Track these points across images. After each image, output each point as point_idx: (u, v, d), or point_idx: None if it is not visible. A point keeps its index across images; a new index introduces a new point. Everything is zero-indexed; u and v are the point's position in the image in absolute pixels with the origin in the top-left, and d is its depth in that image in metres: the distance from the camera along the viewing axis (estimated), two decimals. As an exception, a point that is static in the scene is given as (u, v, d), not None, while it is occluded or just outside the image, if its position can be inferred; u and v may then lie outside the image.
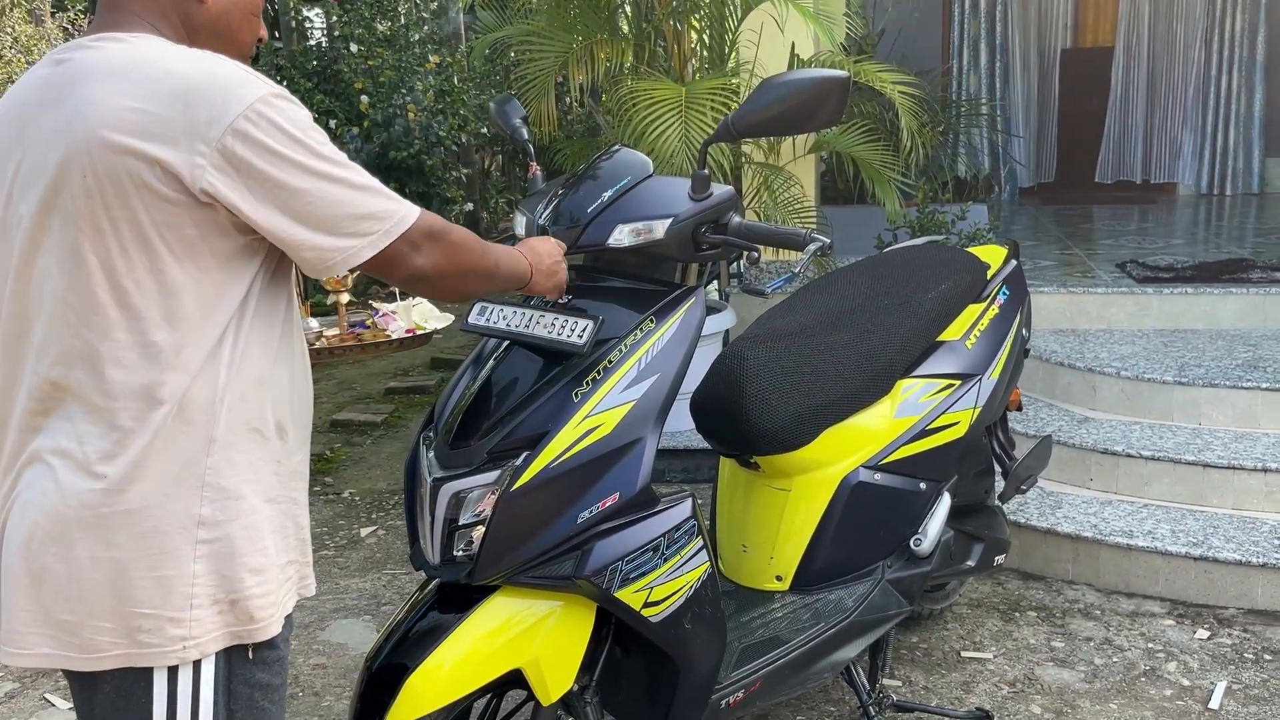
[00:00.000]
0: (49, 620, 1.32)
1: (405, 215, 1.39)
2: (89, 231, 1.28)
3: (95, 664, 1.32)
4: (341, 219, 1.33)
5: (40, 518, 1.31)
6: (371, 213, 1.35)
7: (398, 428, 5.09)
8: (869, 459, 2.36)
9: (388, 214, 1.37)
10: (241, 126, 1.26)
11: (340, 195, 1.33)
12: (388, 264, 1.40)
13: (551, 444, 1.75)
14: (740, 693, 2.11)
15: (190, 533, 1.32)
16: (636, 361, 1.82)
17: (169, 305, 1.30)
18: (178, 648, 1.32)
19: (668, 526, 1.84)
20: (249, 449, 1.37)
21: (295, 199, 1.30)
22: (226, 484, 1.35)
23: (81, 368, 1.30)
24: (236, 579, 1.35)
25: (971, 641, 2.95)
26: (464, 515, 1.78)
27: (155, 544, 1.31)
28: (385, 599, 3.37)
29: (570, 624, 1.84)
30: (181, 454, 1.32)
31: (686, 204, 1.87)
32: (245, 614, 1.36)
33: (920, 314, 2.48)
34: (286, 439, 1.43)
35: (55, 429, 1.32)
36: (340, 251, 1.35)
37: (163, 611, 1.31)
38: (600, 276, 1.96)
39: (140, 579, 1.30)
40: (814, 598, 2.34)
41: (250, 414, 1.37)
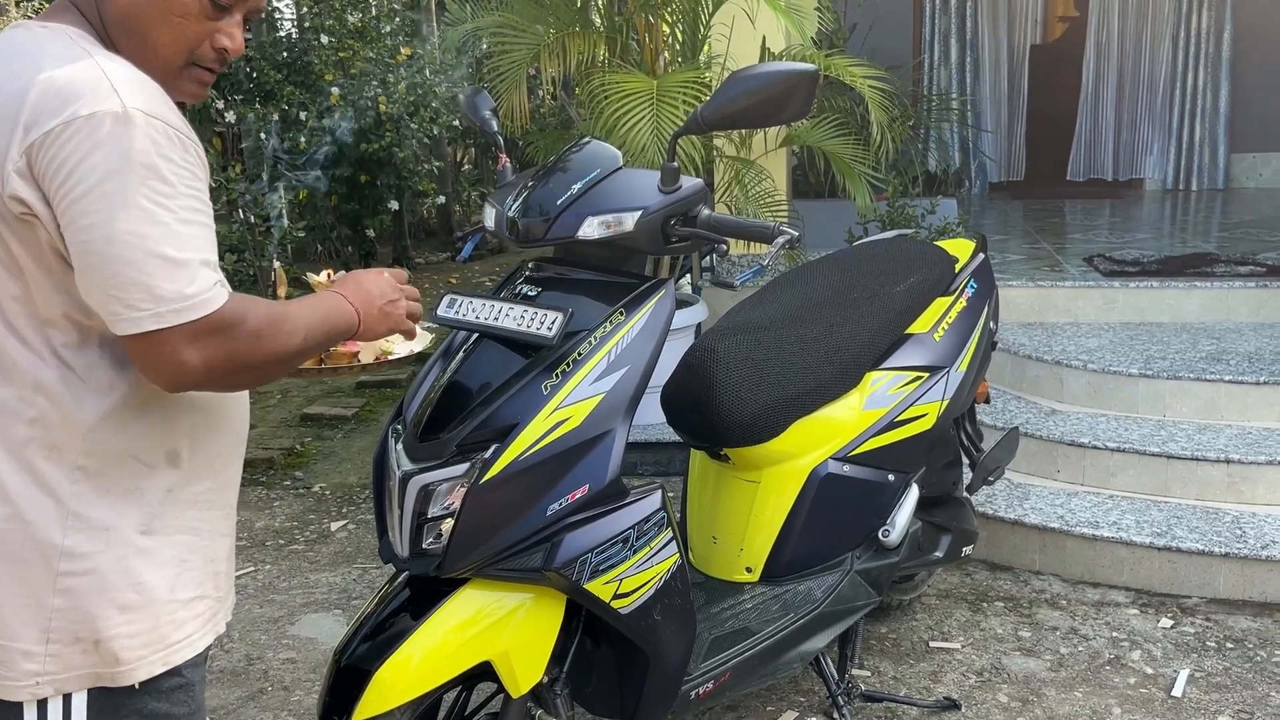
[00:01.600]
0: None
1: (198, 302, 1.18)
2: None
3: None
4: (112, 277, 1.15)
5: None
6: (151, 287, 1.15)
7: (368, 421, 5.07)
8: (838, 451, 2.38)
9: (174, 297, 1.16)
10: (57, 135, 1.14)
11: (127, 252, 1.14)
12: (145, 353, 1.19)
13: (521, 436, 1.75)
14: (710, 683, 2.12)
15: (50, 564, 1.22)
16: (606, 354, 1.82)
17: (13, 323, 1.21)
18: (30, 683, 1.23)
19: (637, 518, 1.85)
20: (125, 478, 1.26)
21: (80, 231, 1.15)
22: (94, 514, 1.24)
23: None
24: (101, 617, 1.24)
25: (940, 632, 2.98)
26: (433, 508, 1.78)
27: (14, 572, 1.22)
28: (356, 593, 3.35)
29: (540, 616, 1.84)
30: (43, 479, 1.22)
31: (656, 196, 1.87)
32: (110, 655, 1.25)
33: (889, 307, 2.50)
34: (180, 466, 1.30)
35: None
36: (102, 311, 1.18)
37: (15, 644, 1.23)
38: (570, 269, 1.96)
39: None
40: (783, 589, 2.36)
41: (126, 441, 1.25)
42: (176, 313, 1.17)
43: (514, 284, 1.98)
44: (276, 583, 3.44)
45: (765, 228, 1.86)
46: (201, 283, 1.19)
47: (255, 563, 3.58)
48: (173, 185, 1.18)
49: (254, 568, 3.54)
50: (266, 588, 3.41)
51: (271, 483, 4.32)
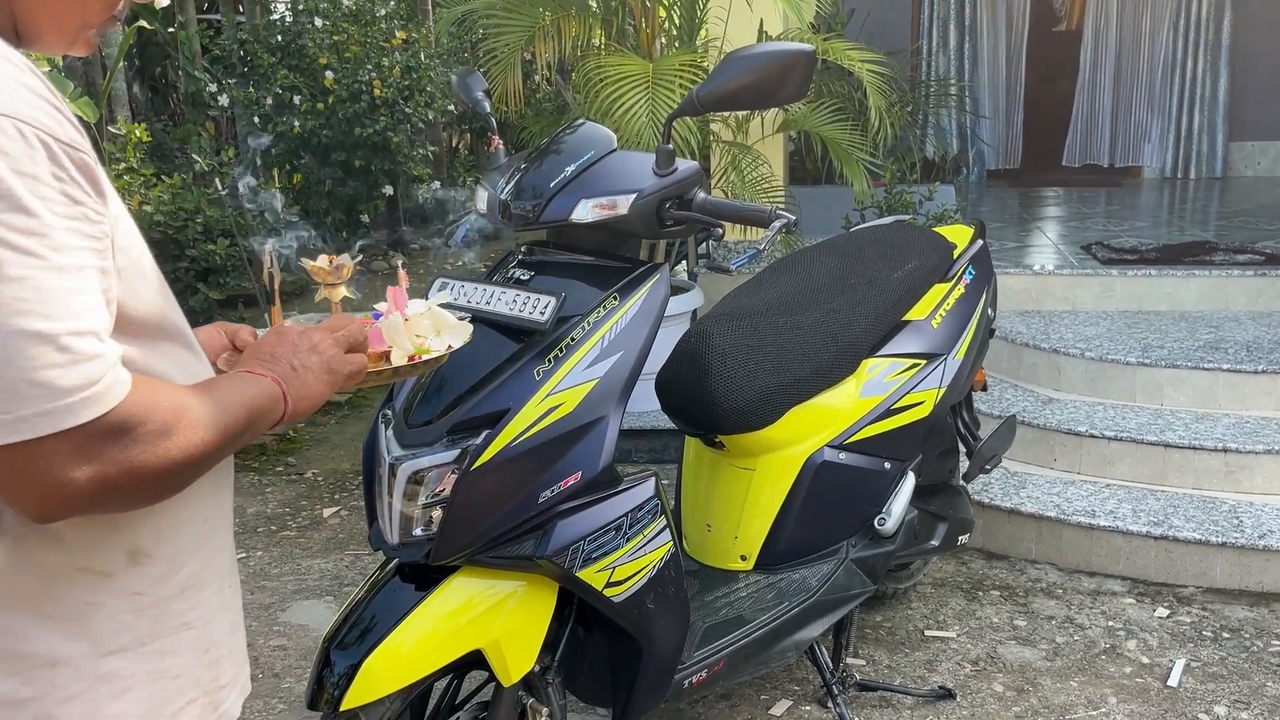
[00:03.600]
0: None
1: (83, 400, 0.84)
2: None
3: None
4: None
5: None
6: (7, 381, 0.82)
7: (361, 408, 5.04)
8: (834, 438, 2.36)
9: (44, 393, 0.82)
10: None
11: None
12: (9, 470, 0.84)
13: (512, 422, 1.72)
14: (704, 672, 2.10)
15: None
16: (599, 339, 1.80)
17: None
18: None
19: (630, 506, 1.82)
20: (78, 594, 0.96)
21: None
22: (33, 650, 0.94)
23: None
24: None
25: (935, 620, 2.97)
26: (423, 494, 1.75)
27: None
28: (347, 580, 3.33)
29: (531, 604, 1.82)
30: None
31: (651, 179, 1.84)
32: None
33: (886, 293, 2.47)
34: (148, 563, 1.01)
35: None
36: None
37: None
38: (563, 253, 1.93)
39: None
40: (778, 577, 2.34)
41: (64, 555, 0.95)
42: (50, 416, 0.83)
43: (507, 268, 1.95)
44: (268, 569, 3.42)
45: (761, 211, 1.84)
46: (89, 368, 0.85)
47: (247, 549, 3.55)
48: (38, 217, 0.84)
49: (245, 554, 3.51)
50: (257, 574, 3.38)
51: (264, 468, 4.30)
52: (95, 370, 0.86)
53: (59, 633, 0.95)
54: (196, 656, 1.06)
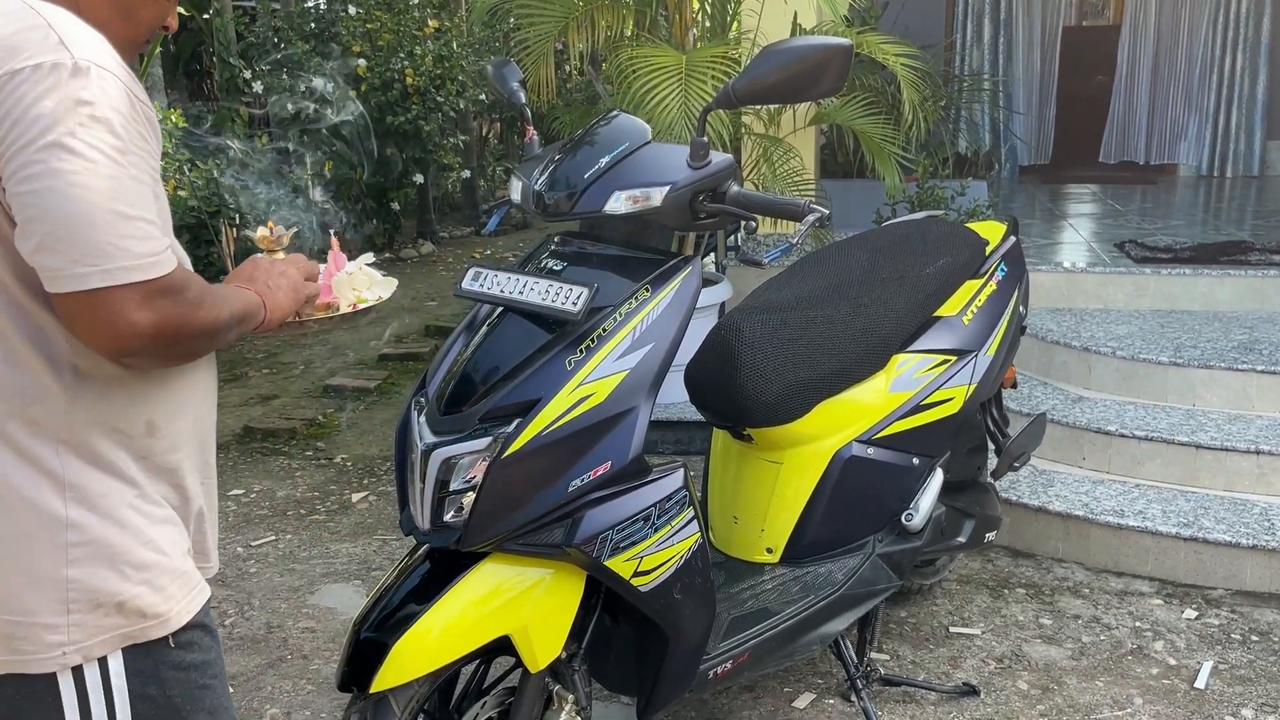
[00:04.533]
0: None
1: (150, 263, 1.14)
2: None
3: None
4: (54, 230, 1.10)
5: None
6: (100, 242, 1.11)
7: (391, 394, 5.08)
8: (862, 433, 2.36)
9: (123, 254, 1.12)
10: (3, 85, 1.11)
11: (72, 204, 1.10)
12: (86, 313, 1.13)
13: (544, 411, 1.73)
14: (729, 663, 2.11)
15: (58, 536, 1.21)
16: (631, 330, 1.80)
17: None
18: (57, 654, 1.23)
19: (659, 497, 1.83)
20: (109, 447, 1.24)
21: (23, 182, 1.10)
22: (91, 484, 1.23)
23: None
24: (118, 579, 1.24)
25: (960, 617, 2.96)
26: (455, 481, 1.77)
27: (19, 550, 1.20)
28: (375, 564, 3.37)
29: (559, 592, 1.83)
30: (31, 455, 1.20)
31: (684, 171, 1.85)
32: (136, 613, 1.26)
33: (917, 289, 2.46)
34: (159, 436, 1.29)
35: None
36: (40, 268, 1.12)
37: (36, 618, 1.21)
38: (595, 244, 1.94)
39: (7, 588, 1.21)
40: (804, 570, 2.34)
41: (109, 413, 1.23)
42: (127, 270, 1.13)
43: (539, 258, 1.96)
44: (297, 552, 3.46)
45: (794, 205, 1.84)
46: (153, 243, 1.15)
47: (276, 532, 3.60)
48: (123, 140, 1.15)
49: (274, 537, 3.56)
50: (287, 557, 3.43)
51: (293, 453, 4.34)
52: (157, 246, 1.16)
53: (102, 474, 1.23)
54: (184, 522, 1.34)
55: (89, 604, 1.23)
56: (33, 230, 1.11)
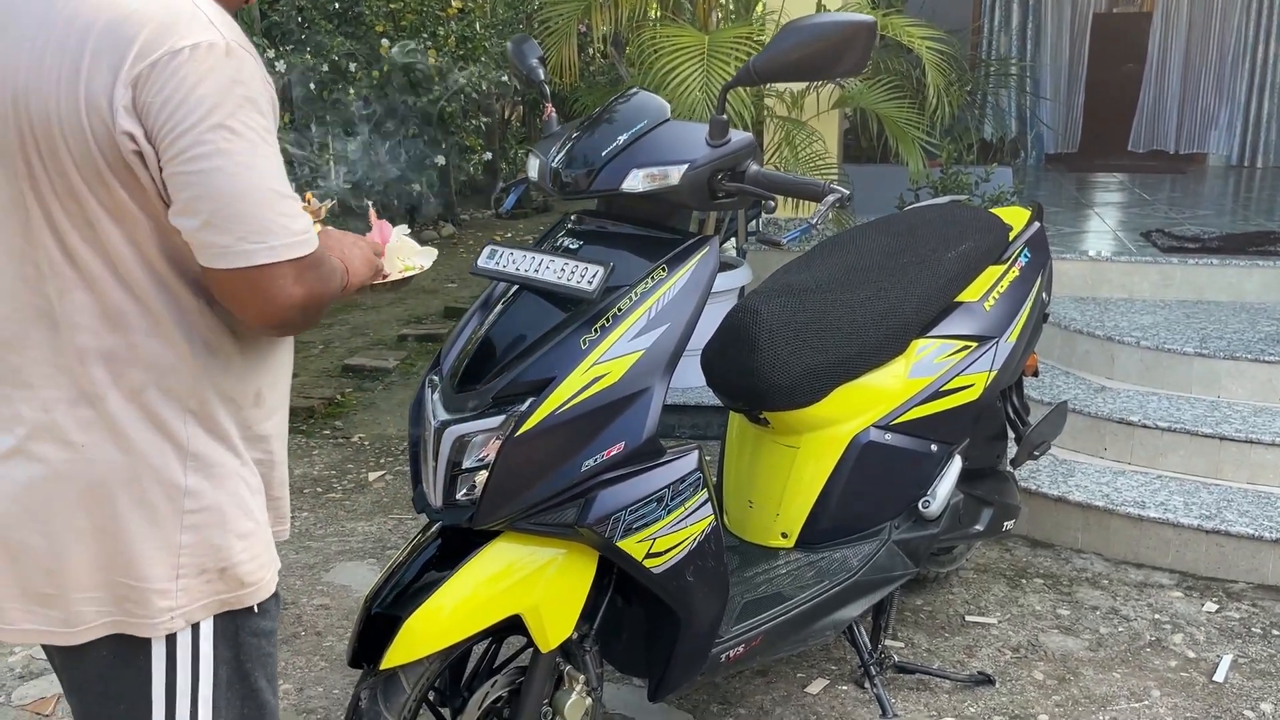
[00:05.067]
0: (30, 595, 1.26)
1: (306, 239, 1.21)
2: (27, 180, 1.18)
3: (83, 635, 1.27)
4: (222, 209, 1.15)
5: (16, 491, 1.24)
6: (264, 220, 1.17)
7: (409, 374, 5.09)
8: (880, 418, 2.33)
9: (284, 230, 1.18)
10: (163, 66, 1.13)
11: (238, 184, 1.15)
12: (249, 287, 1.19)
13: (557, 390, 1.72)
14: (741, 647, 2.10)
15: (177, 503, 1.26)
16: (646, 310, 1.79)
17: (119, 268, 1.21)
18: (164, 619, 1.27)
19: (673, 478, 1.82)
20: (226, 417, 1.30)
21: (188, 163, 1.14)
22: (209, 453, 1.28)
23: (41, 327, 1.22)
24: (225, 546, 1.29)
25: (976, 606, 2.94)
26: (468, 459, 1.76)
27: (141, 516, 1.24)
28: (390, 543, 3.37)
29: (571, 572, 1.83)
30: (161, 424, 1.25)
31: (703, 150, 1.82)
32: (235, 580, 1.31)
33: (939, 273, 2.43)
34: (262, 405, 1.35)
35: (14, 396, 1.24)
36: (204, 245, 1.17)
37: (149, 584, 1.26)
38: (612, 223, 1.92)
39: (126, 550, 1.25)
40: (819, 556, 2.33)
41: (228, 383, 1.29)
42: (289, 247, 1.19)
43: (555, 237, 1.95)
44: (313, 530, 3.47)
45: (815, 185, 1.81)
46: (304, 220, 1.22)
47: (292, 509, 3.59)
48: (268, 120, 1.20)
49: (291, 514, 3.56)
50: (303, 534, 3.44)
51: (311, 431, 4.36)
52: (307, 223, 1.23)
53: (219, 444, 1.29)
54: (267, 488, 1.38)
55: (196, 569, 1.28)
56: (198, 208, 1.15)
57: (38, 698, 2.54)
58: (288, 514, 1.48)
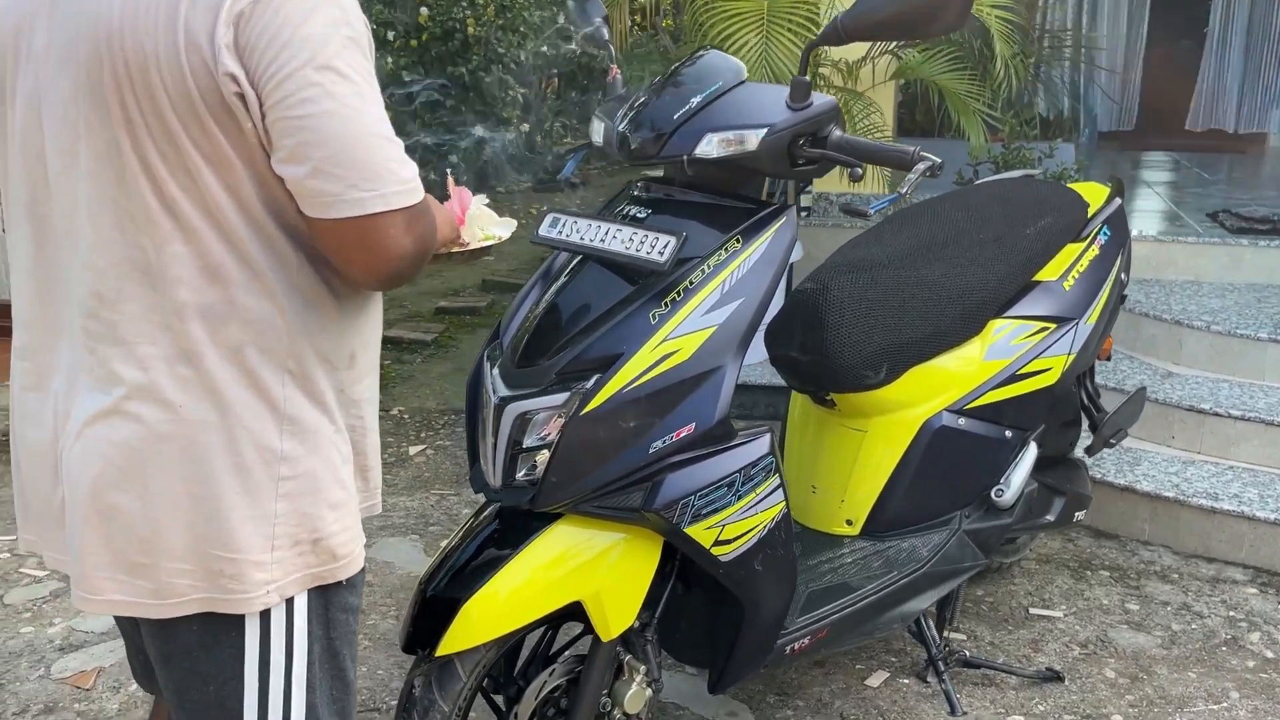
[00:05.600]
0: (119, 563, 1.19)
1: (414, 187, 1.15)
2: (123, 125, 1.12)
3: (174, 609, 1.20)
4: (333, 155, 1.09)
5: (111, 453, 1.17)
6: (375, 166, 1.11)
7: (448, 347, 5.02)
8: (953, 402, 2.22)
9: (395, 178, 1.12)
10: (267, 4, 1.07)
11: (350, 128, 1.09)
12: (360, 238, 1.13)
13: (625, 367, 1.63)
14: (806, 639, 2.00)
15: (272, 469, 1.20)
16: (720, 284, 1.69)
17: (218, 218, 1.15)
18: (260, 593, 1.21)
19: (744, 462, 1.72)
20: (320, 378, 1.23)
21: (295, 106, 1.08)
22: (305, 416, 1.22)
23: (138, 282, 1.15)
24: (318, 516, 1.23)
25: (1040, 598, 2.83)
26: (529, 438, 1.67)
27: (236, 482, 1.18)
28: (433, 519, 3.31)
29: (635, 558, 1.74)
30: (259, 384, 1.19)
31: (784, 113, 1.71)
32: (328, 552, 1.25)
33: (1018, 251, 2.31)
34: (355, 367, 1.29)
35: (110, 353, 1.18)
36: (312, 194, 1.11)
37: (245, 555, 1.19)
38: (682, 191, 1.82)
39: (221, 518, 1.18)
40: (886, 545, 2.22)
41: (326, 343, 1.23)
42: (399, 194, 1.13)
43: (620, 205, 1.85)
44: (354, 504, 3.41)
45: (903, 153, 1.70)
46: (412, 168, 1.15)
47: (333, 483, 3.54)
48: (369, 61, 1.14)
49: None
50: (344, 509, 3.37)
51: (351, 404, 4.29)
52: (415, 170, 1.16)
53: (314, 408, 1.22)
54: (357, 457, 1.32)
55: (290, 540, 1.21)
56: (307, 154, 1.09)
57: (78, 671, 2.49)
58: (379, 485, 1.40)
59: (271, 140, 1.11)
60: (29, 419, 1.29)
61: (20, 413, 1.31)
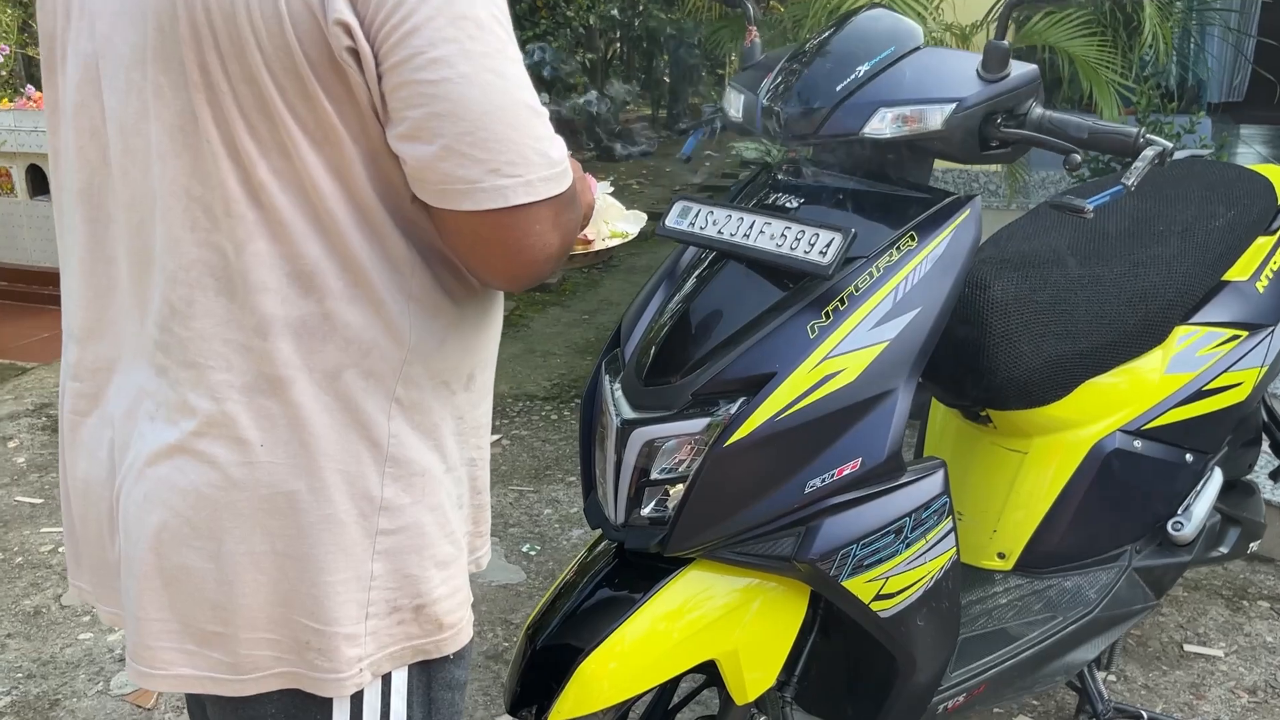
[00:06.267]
0: (189, 632, 1.00)
1: (563, 171, 0.94)
2: (203, 91, 0.89)
3: (255, 686, 1.00)
4: (470, 131, 0.87)
5: (177, 501, 0.97)
6: (521, 146, 0.89)
7: (519, 327, 4.79)
8: (1129, 422, 1.92)
9: (543, 160, 0.91)
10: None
11: (492, 96, 0.88)
12: (502, 234, 0.92)
13: (779, 390, 1.36)
14: (962, 696, 1.74)
15: (370, 521, 0.99)
16: (891, 291, 1.41)
17: (318, 209, 0.92)
18: (353, 671, 1.00)
19: (915, 504, 1.45)
20: (434, 408, 1.02)
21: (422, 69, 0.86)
22: (413, 455, 1.00)
23: (212, 291, 0.94)
24: (422, 578, 1.02)
25: (1195, 633, 2.52)
26: (657, 469, 1.41)
27: (326, 538, 0.97)
28: (512, 519, 3.08)
29: (780, 611, 1.48)
30: (360, 417, 0.97)
31: (975, 85, 1.42)
32: (433, 621, 1.04)
33: (1207, 246, 1.99)
34: (474, 389, 1.08)
35: (179, 377, 0.96)
36: (441, 178, 0.90)
37: (336, 626, 0.99)
38: (836, 176, 1.54)
39: (308, 581, 0.98)
40: (1045, 583, 1.94)
41: (444, 362, 1.02)
42: (548, 181, 0.92)
43: (762, 191, 1.57)
44: (428, 500, 3.19)
45: (1125, 135, 1.40)
46: (561, 145, 0.95)
47: (406, 475, 3.33)
48: (506, 14, 0.92)
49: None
50: (418, 505, 3.16)
51: (421, 387, 4.08)
52: (564, 148, 0.95)
53: (423, 444, 1.01)
54: (472, 495, 1.12)
55: (388, 607, 1.02)
56: (439, 129, 0.88)
57: (138, 688, 2.30)
58: (489, 524, 1.20)
59: (390, 110, 0.90)
60: (81, 449, 1.07)
61: (70, 441, 1.09)
